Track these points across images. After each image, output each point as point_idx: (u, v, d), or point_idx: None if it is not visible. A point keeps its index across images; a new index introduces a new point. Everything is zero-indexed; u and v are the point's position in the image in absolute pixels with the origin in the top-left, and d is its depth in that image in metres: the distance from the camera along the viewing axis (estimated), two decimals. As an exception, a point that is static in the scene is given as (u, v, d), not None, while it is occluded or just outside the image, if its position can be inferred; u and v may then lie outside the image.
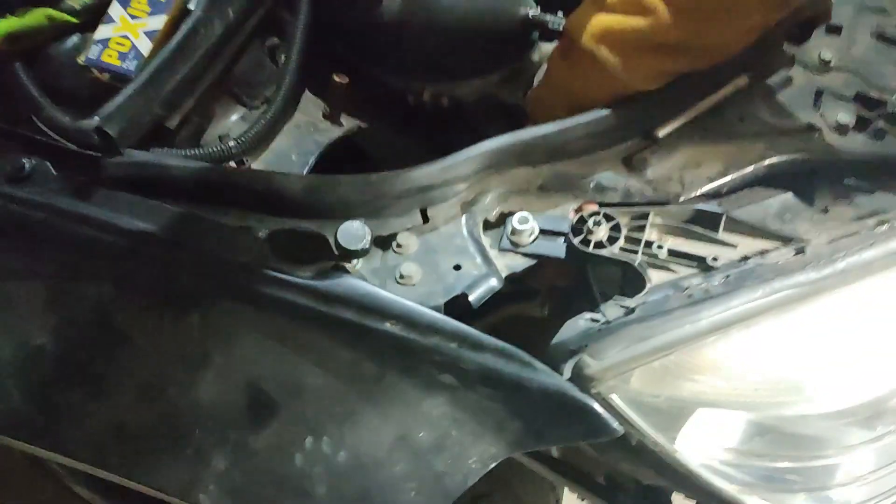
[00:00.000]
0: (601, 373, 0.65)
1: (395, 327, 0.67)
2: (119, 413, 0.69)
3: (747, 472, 0.69)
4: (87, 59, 0.76)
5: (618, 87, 0.75)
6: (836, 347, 0.68)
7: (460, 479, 0.68)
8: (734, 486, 0.69)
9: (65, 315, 0.72)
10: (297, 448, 0.68)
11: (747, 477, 0.69)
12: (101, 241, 0.71)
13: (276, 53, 0.88)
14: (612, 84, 0.75)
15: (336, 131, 0.85)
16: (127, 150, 0.73)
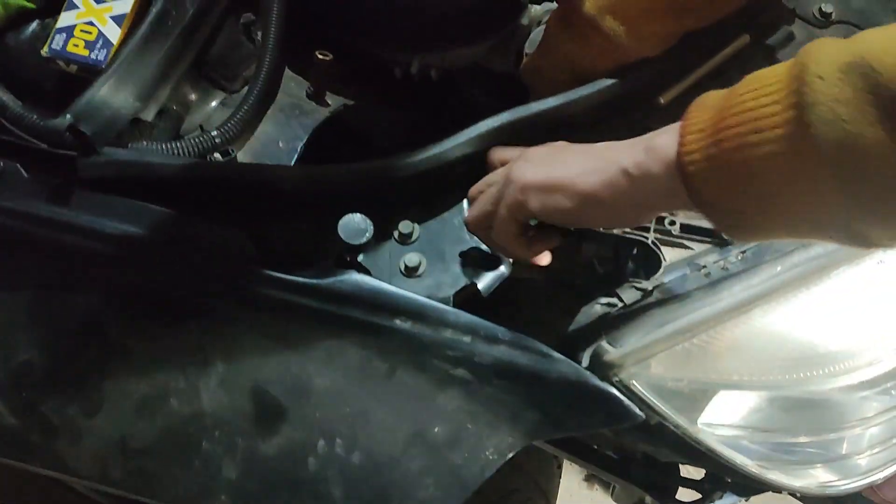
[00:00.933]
0: (621, 359, 0.64)
1: (405, 323, 0.64)
2: (120, 427, 0.66)
3: (767, 447, 0.69)
4: (50, 50, 0.70)
5: (622, 55, 0.72)
6: (856, 318, 0.67)
7: (477, 471, 0.66)
8: (755, 461, 0.69)
9: (52, 328, 0.68)
10: (310, 451, 0.66)
11: (768, 451, 0.69)
12: (84, 247, 0.66)
13: (252, 30, 0.82)
14: (615, 53, 0.72)
15: (322, 112, 0.81)
16: (103, 148, 0.68)
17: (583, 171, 0.56)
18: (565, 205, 0.57)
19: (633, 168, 0.53)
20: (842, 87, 0.41)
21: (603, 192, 0.55)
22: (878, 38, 0.42)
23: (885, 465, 0.73)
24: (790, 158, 0.44)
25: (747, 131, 0.45)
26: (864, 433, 0.70)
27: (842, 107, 0.41)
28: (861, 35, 0.43)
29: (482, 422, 0.66)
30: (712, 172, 0.47)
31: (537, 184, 0.58)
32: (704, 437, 0.66)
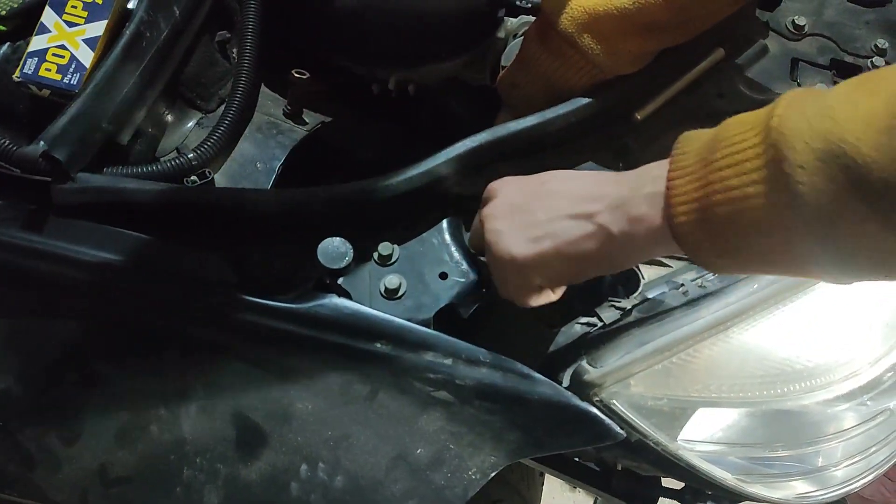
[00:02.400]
0: (601, 379, 0.65)
1: (386, 347, 0.64)
2: (99, 455, 0.66)
3: (747, 461, 0.70)
4: (22, 75, 0.69)
5: (598, 73, 0.72)
6: (832, 333, 0.67)
7: (461, 491, 0.67)
8: (735, 475, 0.69)
9: (29, 356, 0.67)
10: (292, 476, 0.66)
11: (747, 465, 0.70)
12: (60, 275, 0.66)
13: (227, 48, 0.82)
14: (592, 70, 0.72)
15: (299, 131, 0.80)
16: (78, 174, 0.67)
17: (571, 237, 0.55)
18: (564, 271, 0.57)
19: (622, 234, 0.53)
20: (823, 179, 0.42)
21: (596, 255, 0.55)
22: (852, 121, 0.42)
23: (863, 474, 0.74)
24: (775, 226, 0.45)
25: (733, 212, 0.46)
26: (840, 445, 0.70)
27: (826, 198, 0.42)
28: (831, 107, 0.43)
29: (464, 442, 0.66)
30: (701, 233, 0.48)
31: (531, 260, 0.57)
32: (684, 454, 0.67)
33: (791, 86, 0.81)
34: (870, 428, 0.70)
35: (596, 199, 0.55)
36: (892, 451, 0.75)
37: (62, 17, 0.70)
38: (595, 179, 0.57)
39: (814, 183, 0.42)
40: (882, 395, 0.69)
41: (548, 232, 0.57)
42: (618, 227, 0.53)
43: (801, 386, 0.66)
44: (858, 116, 0.42)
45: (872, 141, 0.41)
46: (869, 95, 0.42)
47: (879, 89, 0.42)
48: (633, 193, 0.53)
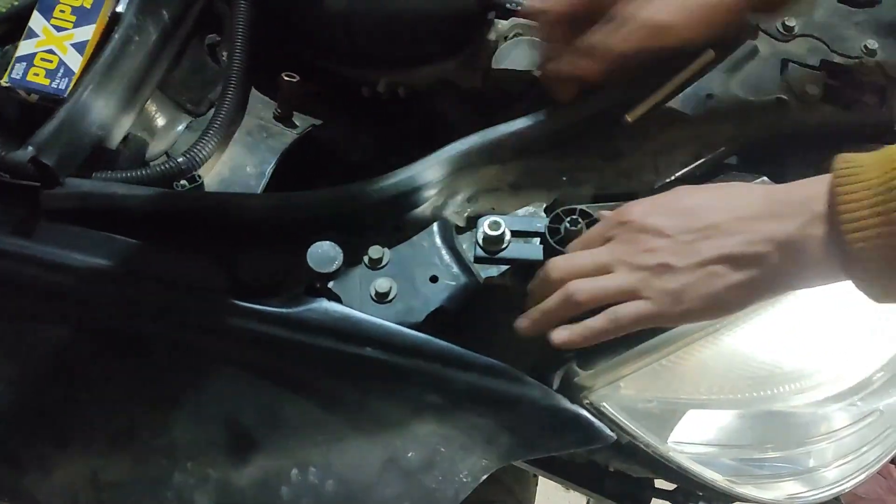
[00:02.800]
0: (590, 381, 0.65)
1: (376, 351, 0.64)
2: (90, 461, 0.66)
3: (737, 462, 0.70)
4: (10, 80, 0.69)
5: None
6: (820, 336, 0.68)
7: (452, 493, 0.67)
8: (725, 476, 0.70)
9: (19, 362, 0.67)
10: (283, 481, 0.66)
11: (738, 466, 0.70)
12: (49, 280, 0.66)
13: (217, 51, 0.82)
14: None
15: (290, 134, 0.80)
16: (67, 178, 0.67)
17: (740, 299, 0.54)
18: (723, 307, 0.55)
19: (789, 282, 0.53)
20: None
21: (760, 286, 0.54)
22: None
23: (854, 474, 0.75)
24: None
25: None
26: (831, 446, 0.71)
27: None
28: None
29: (456, 445, 0.66)
30: (884, 267, 0.48)
31: (703, 303, 0.54)
32: (675, 455, 0.67)
33: (781, 87, 0.81)
34: (860, 428, 0.70)
35: (765, 239, 0.53)
36: (884, 451, 0.75)
37: (50, 22, 0.70)
38: (751, 210, 0.55)
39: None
40: (872, 396, 0.69)
41: (719, 273, 0.54)
42: (792, 268, 0.53)
43: (790, 388, 0.66)
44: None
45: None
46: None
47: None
48: (803, 233, 0.52)
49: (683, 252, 0.55)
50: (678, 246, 0.55)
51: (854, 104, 0.81)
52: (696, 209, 0.57)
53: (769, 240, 0.53)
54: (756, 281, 0.53)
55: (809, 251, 0.51)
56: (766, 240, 0.53)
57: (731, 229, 0.54)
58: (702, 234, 0.55)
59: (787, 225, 0.52)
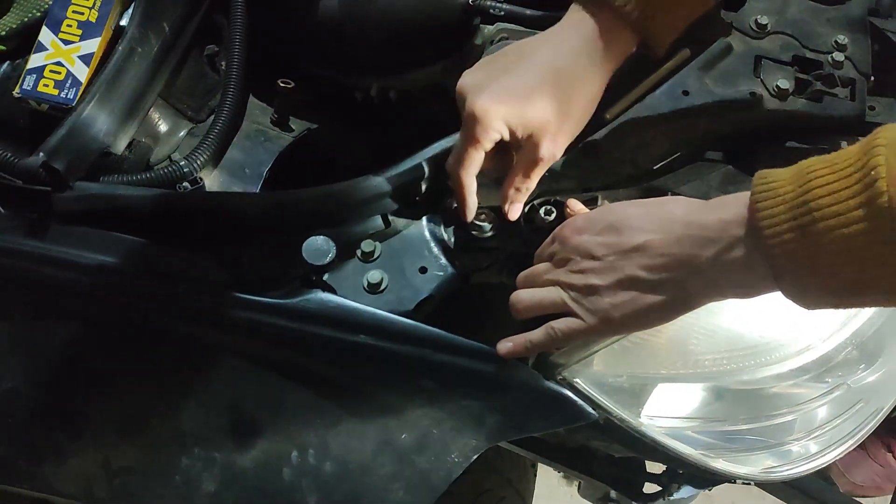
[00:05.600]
0: (564, 358, 0.68)
1: (370, 338, 0.68)
2: (103, 448, 0.70)
3: (710, 436, 0.73)
4: (22, 91, 0.73)
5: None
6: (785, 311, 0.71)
7: (444, 473, 0.70)
8: (698, 450, 0.73)
9: (35, 356, 0.71)
10: (284, 463, 0.70)
11: (711, 440, 0.74)
12: (60, 278, 0.70)
13: (216, 61, 0.86)
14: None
15: (286, 137, 0.84)
16: (77, 183, 0.71)
17: (653, 291, 0.57)
18: (648, 322, 0.59)
19: (707, 284, 0.56)
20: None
21: (680, 305, 0.58)
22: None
23: (829, 448, 0.78)
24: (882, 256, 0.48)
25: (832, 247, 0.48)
26: (801, 419, 0.74)
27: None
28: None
29: (447, 427, 0.70)
30: (806, 274, 0.50)
31: (626, 320, 0.59)
32: (647, 430, 0.71)
33: (755, 82, 0.85)
34: (827, 401, 0.73)
35: (684, 264, 0.56)
36: (857, 425, 0.78)
37: (58, 36, 0.75)
38: (674, 232, 0.57)
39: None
40: (837, 370, 0.72)
41: (641, 294, 0.58)
42: (710, 290, 0.56)
43: (756, 361, 0.69)
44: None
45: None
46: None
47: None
48: (722, 258, 0.54)
49: (608, 273, 0.59)
50: (604, 267, 0.60)
51: (825, 97, 0.84)
52: (622, 228, 0.60)
53: (687, 263, 0.56)
54: (675, 301, 0.57)
55: (729, 273, 0.54)
56: (684, 263, 0.56)
57: (653, 251, 0.58)
58: (625, 254, 0.59)
59: (707, 250, 0.55)
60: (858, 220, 0.47)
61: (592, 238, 0.61)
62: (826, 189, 0.49)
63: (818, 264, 0.49)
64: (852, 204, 0.48)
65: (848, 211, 0.48)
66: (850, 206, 0.48)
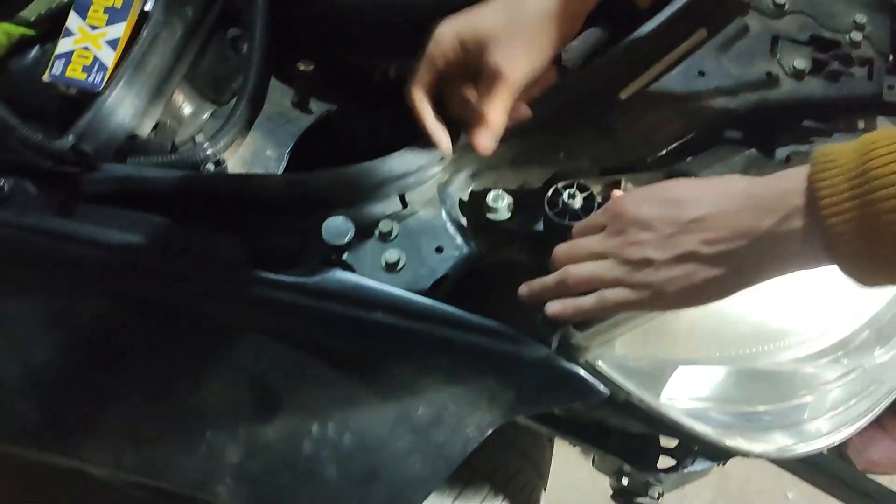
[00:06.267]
0: (586, 341, 0.70)
1: (387, 316, 0.70)
2: (130, 419, 0.73)
3: (727, 415, 0.75)
4: (51, 76, 0.76)
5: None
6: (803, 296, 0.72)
7: (460, 447, 0.72)
8: (716, 429, 0.74)
9: (63, 331, 0.74)
10: (305, 435, 0.72)
11: (729, 420, 0.75)
12: (89, 257, 0.72)
13: (238, 44, 0.88)
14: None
15: (306, 119, 0.86)
16: (104, 164, 0.74)
17: (720, 289, 0.57)
18: (702, 298, 0.59)
19: (769, 271, 0.56)
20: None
21: (736, 280, 0.57)
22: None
23: (843, 426, 0.79)
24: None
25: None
26: (817, 400, 0.75)
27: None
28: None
29: (462, 402, 0.72)
30: (862, 249, 0.50)
31: (681, 294, 0.58)
32: (667, 410, 0.72)
33: (771, 63, 0.85)
34: (845, 383, 0.74)
35: (744, 235, 0.56)
36: (871, 404, 0.79)
37: (85, 21, 0.77)
38: (734, 204, 0.57)
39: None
40: (854, 353, 0.73)
41: (698, 268, 0.57)
42: (768, 262, 0.56)
43: (776, 345, 0.70)
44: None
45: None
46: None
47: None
48: (780, 228, 0.54)
49: (665, 247, 0.59)
50: (661, 240, 0.59)
51: (842, 77, 0.84)
52: (681, 202, 0.60)
53: (747, 235, 0.55)
54: (733, 275, 0.57)
55: (788, 244, 0.54)
56: (744, 235, 0.55)
57: (713, 224, 0.57)
58: (684, 227, 0.58)
59: (766, 220, 0.54)
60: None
61: (651, 210, 0.60)
62: (885, 159, 0.49)
63: (874, 236, 0.49)
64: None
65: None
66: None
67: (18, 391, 0.73)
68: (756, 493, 1.85)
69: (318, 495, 0.71)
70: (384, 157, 0.74)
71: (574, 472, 1.79)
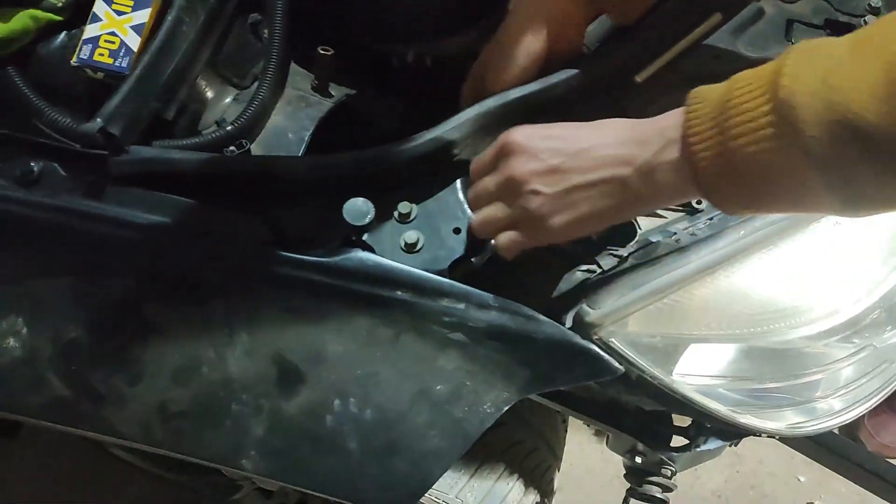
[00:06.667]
0: (600, 319, 0.71)
1: (406, 294, 0.72)
2: (159, 394, 0.75)
3: (738, 393, 0.76)
4: (79, 60, 0.77)
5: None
6: (814, 275, 0.73)
7: (477, 423, 0.74)
8: (727, 406, 0.76)
9: (94, 308, 0.76)
10: (327, 410, 0.74)
11: (739, 397, 0.76)
12: (117, 236, 0.74)
13: (259, 29, 0.89)
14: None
15: (326, 103, 0.88)
16: (131, 146, 0.76)
17: (603, 206, 0.61)
18: (589, 230, 0.63)
19: (650, 196, 0.59)
20: (831, 141, 0.47)
21: (626, 213, 0.62)
22: (856, 91, 0.46)
23: (854, 405, 0.80)
24: (788, 176, 0.51)
25: (749, 162, 0.52)
26: (828, 378, 0.76)
27: (833, 156, 0.47)
28: (834, 71, 0.47)
29: (479, 379, 0.73)
30: (722, 179, 0.54)
31: (564, 233, 0.63)
32: (679, 386, 0.74)
33: (786, 47, 0.85)
34: (854, 361, 0.75)
35: (625, 163, 0.60)
36: (882, 384, 0.80)
37: (112, 7, 0.79)
38: (617, 137, 0.61)
39: (822, 143, 0.47)
40: (864, 332, 0.74)
41: (584, 198, 0.62)
42: (647, 191, 0.59)
43: (785, 323, 0.72)
44: (863, 85, 0.46)
45: (875, 109, 0.45)
46: (869, 58, 0.46)
47: (878, 52, 0.46)
48: (658, 158, 0.58)
49: (551, 180, 0.62)
50: (547, 172, 0.63)
51: (857, 60, 0.85)
52: (568, 136, 0.63)
53: (628, 163, 0.59)
54: (617, 204, 0.60)
55: (664, 173, 0.57)
56: (625, 163, 0.59)
57: (596, 155, 0.61)
58: (570, 157, 0.62)
59: (645, 151, 0.58)
60: (764, 117, 0.50)
61: (539, 142, 0.64)
62: (744, 90, 0.53)
63: (731, 165, 0.52)
64: (761, 101, 0.51)
65: (757, 107, 0.51)
66: (758, 103, 0.51)
67: (51, 367, 0.76)
68: (768, 475, 1.87)
69: (340, 468, 0.73)
70: (403, 140, 0.76)
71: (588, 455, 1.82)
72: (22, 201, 0.75)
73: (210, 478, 1.26)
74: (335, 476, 0.74)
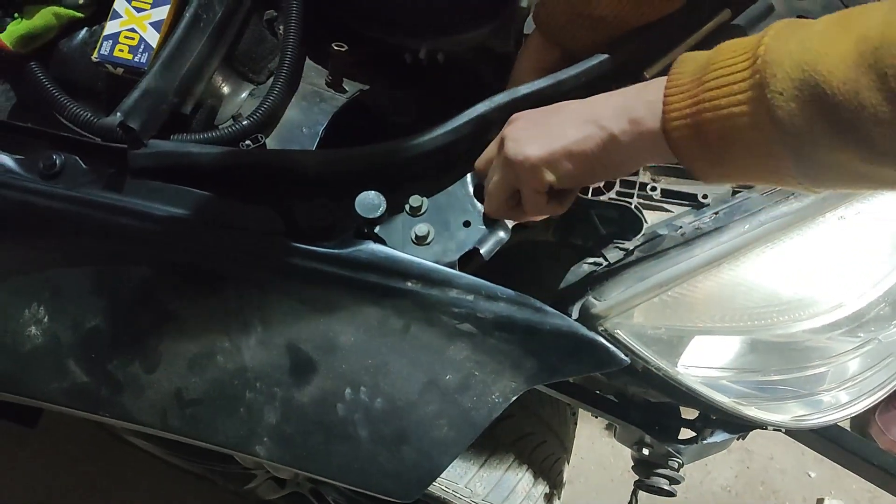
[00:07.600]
0: (606, 311, 0.73)
1: (416, 285, 0.73)
2: (175, 381, 0.77)
3: (743, 385, 0.77)
4: (100, 56, 0.80)
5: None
6: (818, 269, 0.74)
7: (485, 412, 0.75)
8: (732, 398, 0.77)
9: (113, 298, 0.78)
10: (339, 399, 0.76)
11: (743, 389, 0.77)
12: (136, 227, 0.76)
13: (274, 26, 0.91)
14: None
15: (340, 98, 0.89)
16: (150, 140, 0.78)
17: (579, 138, 0.63)
18: (573, 170, 0.65)
19: (623, 134, 0.61)
20: (799, 105, 0.49)
21: (601, 155, 0.63)
22: (827, 56, 0.48)
23: (859, 398, 0.81)
24: (757, 142, 0.52)
25: (721, 128, 0.53)
26: (832, 371, 0.77)
27: (800, 122, 0.49)
28: (811, 39, 0.49)
29: (487, 370, 0.75)
30: (693, 143, 0.56)
31: (544, 159, 0.65)
32: (683, 378, 0.75)
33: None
34: (858, 354, 0.76)
35: (602, 107, 0.63)
36: (887, 378, 0.81)
37: (131, 4, 0.81)
38: (603, 96, 0.65)
39: (791, 108, 0.49)
40: (869, 325, 0.75)
41: (559, 134, 0.65)
42: (619, 128, 0.61)
43: (790, 316, 0.72)
44: (833, 52, 0.48)
45: (842, 75, 0.47)
46: (844, 31, 0.48)
47: (854, 27, 0.48)
48: (634, 101, 0.60)
49: (535, 120, 0.67)
50: (532, 121, 0.67)
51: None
52: (561, 105, 0.67)
53: (606, 106, 0.62)
54: (598, 148, 0.62)
55: (646, 132, 0.59)
56: (604, 107, 0.62)
57: (583, 106, 0.65)
58: (556, 110, 0.66)
59: (626, 97, 0.61)
60: (740, 72, 0.51)
61: (533, 114, 0.69)
62: (730, 51, 0.54)
63: (702, 132, 0.53)
64: (742, 58, 0.52)
65: (736, 63, 0.52)
66: (739, 60, 0.52)
67: (72, 355, 0.78)
68: (778, 471, 1.87)
69: (350, 455, 0.75)
70: (415, 135, 0.77)
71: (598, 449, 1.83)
72: (44, 193, 0.77)
73: (224, 466, 1.28)
74: (345, 463, 0.75)
